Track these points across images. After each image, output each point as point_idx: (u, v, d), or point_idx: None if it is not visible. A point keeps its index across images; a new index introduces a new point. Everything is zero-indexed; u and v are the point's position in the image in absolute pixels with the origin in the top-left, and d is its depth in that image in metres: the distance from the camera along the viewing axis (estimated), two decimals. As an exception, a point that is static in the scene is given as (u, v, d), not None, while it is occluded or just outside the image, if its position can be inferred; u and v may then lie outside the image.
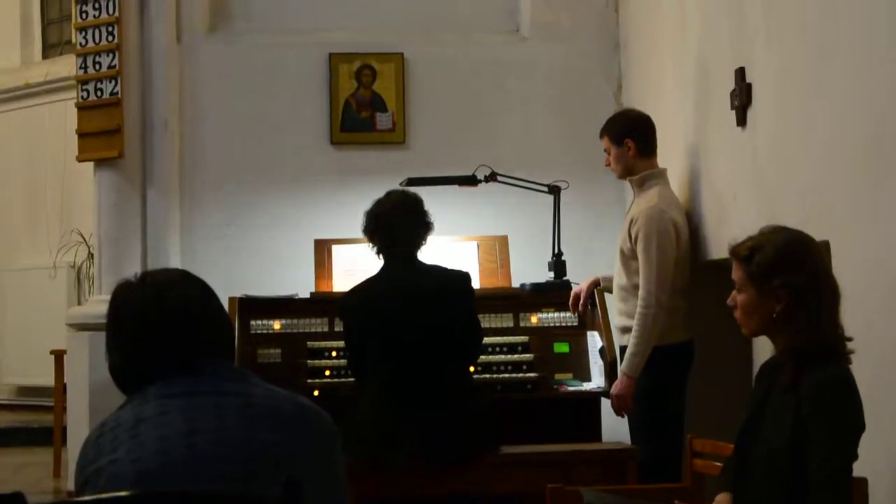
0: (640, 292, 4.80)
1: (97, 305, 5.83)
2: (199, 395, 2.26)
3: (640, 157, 5.02)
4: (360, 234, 4.71)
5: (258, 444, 2.21)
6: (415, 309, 4.48)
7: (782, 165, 4.17)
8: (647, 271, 4.80)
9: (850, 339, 2.94)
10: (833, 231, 3.66)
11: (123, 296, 2.38)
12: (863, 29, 3.55)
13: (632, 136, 5.02)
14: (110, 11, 6.02)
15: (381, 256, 4.64)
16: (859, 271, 3.48)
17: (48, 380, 7.40)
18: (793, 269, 2.90)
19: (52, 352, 7.10)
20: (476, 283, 5.19)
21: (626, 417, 4.96)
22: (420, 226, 4.62)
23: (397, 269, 4.58)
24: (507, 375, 5.24)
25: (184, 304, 2.35)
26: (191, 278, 2.44)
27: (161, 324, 2.32)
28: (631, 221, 4.92)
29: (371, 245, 4.66)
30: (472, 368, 4.85)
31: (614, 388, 4.86)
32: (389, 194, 4.72)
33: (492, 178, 5.73)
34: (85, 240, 8.57)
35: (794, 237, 3.01)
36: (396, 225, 4.57)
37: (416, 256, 4.62)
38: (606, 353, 5.16)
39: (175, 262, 6.08)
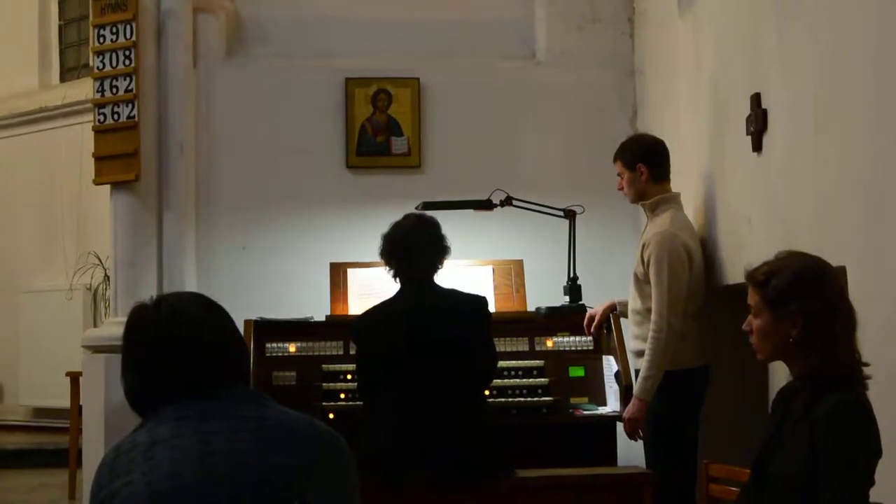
0: (652, 316, 4.80)
1: (113, 327, 5.84)
2: (213, 417, 2.26)
3: (652, 181, 5.03)
4: (375, 258, 4.67)
5: (272, 466, 2.21)
6: (430, 332, 4.46)
7: (798, 190, 4.16)
8: (659, 295, 4.80)
9: (866, 365, 2.92)
10: (849, 256, 3.65)
11: (138, 319, 2.38)
12: (876, 53, 3.55)
13: (645, 161, 5.02)
14: (127, 36, 6.05)
15: (397, 280, 4.62)
16: (876, 297, 3.46)
17: (64, 401, 7.42)
18: (809, 294, 2.89)
19: (67, 373, 7.12)
20: (491, 307, 5.17)
21: (640, 441, 4.95)
22: (437, 249, 4.60)
23: (413, 293, 4.55)
24: (522, 399, 5.24)
25: (198, 327, 2.35)
26: (205, 301, 2.43)
27: (175, 346, 2.32)
28: (643, 246, 4.92)
29: (387, 268, 4.64)
30: (486, 392, 4.85)
31: (627, 412, 4.86)
32: (407, 217, 4.70)
33: (507, 202, 5.73)
34: (101, 262, 8.60)
35: (811, 262, 3.00)
36: (413, 248, 4.55)
37: (432, 280, 4.60)
38: (622, 377, 5.15)
39: (191, 285, 6.09)
